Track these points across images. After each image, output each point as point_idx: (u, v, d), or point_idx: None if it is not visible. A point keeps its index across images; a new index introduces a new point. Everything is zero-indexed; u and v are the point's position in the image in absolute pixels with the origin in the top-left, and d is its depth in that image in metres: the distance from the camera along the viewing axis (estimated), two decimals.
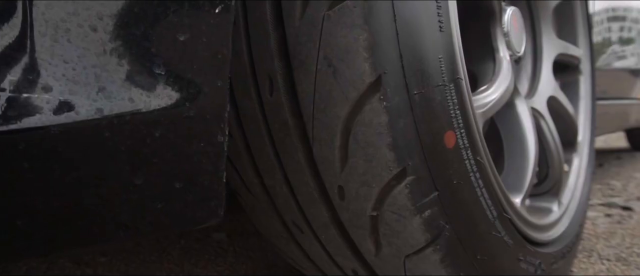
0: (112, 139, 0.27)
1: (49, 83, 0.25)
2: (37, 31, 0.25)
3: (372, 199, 0.41)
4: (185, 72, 0.30)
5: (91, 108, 0.26)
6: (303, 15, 0.39)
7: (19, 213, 0.26)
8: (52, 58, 0.25)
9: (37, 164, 0.25)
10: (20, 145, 0.25)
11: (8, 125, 0.24)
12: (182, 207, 0.31)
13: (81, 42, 0.26)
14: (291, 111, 0.41)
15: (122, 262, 1.01)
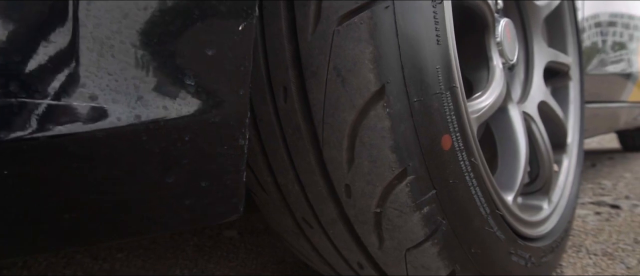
0: (148, 142, 0.30)
1: (95, 93, 0.28)
2: (85, 47, 0.28)
3: (376, 196, 0.44)
4: (212, 83, 0.32)
5: (131, 114, 0.29)
6: (315, 31, 0.41)
7: (69, 208, 0.28)
8: (98, 71, 0.28)
9: (84, 164, 0.28)
10: (71, 147, 0.27)
11: (61, 130, 0.27)
12: (207, 204, 0.34)
13: (123, 56, 0.29)
14: (303, 116, 0.44)
15: (139, 258, 1.03)
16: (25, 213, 0.27)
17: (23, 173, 0.26)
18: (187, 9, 0.30)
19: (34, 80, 0.26)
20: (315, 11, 0.41)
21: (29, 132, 0.26)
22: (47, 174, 0.27)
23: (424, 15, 0.43)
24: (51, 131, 0.26)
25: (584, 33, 1.37)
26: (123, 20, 0.29)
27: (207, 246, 1.10)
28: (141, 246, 1.14)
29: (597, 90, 1.50)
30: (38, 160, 0.26)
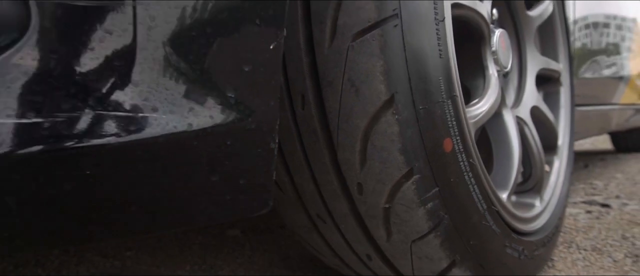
0: (198, 146, 0.36)
1: (156, 106, 0.34)
2: (147, 68, 0.34)
3: (385, 194, 0.50)
4: (248, 95, 0.38)
5: (184, 123, 0.35)
6: (331, 46, 0.47)
7: (133, 201, 0.34)
8: (157, 88, 0.34)
9: (149, 165, 0.34)
10: (139, 151, 0.33)
11: (129, 137, 0.33)
12: (244, 199, 0.40)
13: (177, 75, 0.35)
14: (319, 122, 0.50)
15: (147, 256, 1.09)
16: (107, 205, 0.32)
17: (103, 173, 0.32)
18: (229, 33, 0.36)
19: (110, 96, 0.32)
20: (331, 28, 0.47)
21: (106, 138, 0.32)
22: (121, 173, 0.33)
23: (428, 32, 0.49)
24: (124, 138, 0.32)
25: (575, 34, 1.42)
26: (176, 45, 0.34)
27: (212, 244, 1.16)
28: (148, 245, 1.19)
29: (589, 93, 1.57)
30: (113, 161, 0.32)
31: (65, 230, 0.32)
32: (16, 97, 0.31)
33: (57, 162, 0.31)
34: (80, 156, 0.32)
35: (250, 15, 0.37)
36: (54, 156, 0.31)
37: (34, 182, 0.31)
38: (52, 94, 0.32)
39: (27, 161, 0.31)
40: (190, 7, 0.35)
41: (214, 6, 0.36)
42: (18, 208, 0.31)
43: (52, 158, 0.31)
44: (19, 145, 0.30)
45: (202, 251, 1.10)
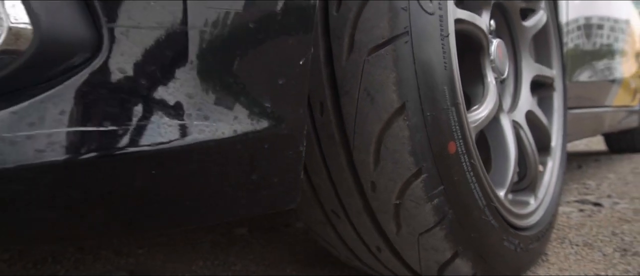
0: (241, 149, 0.42)
1: (207, 115, 0.40)
2: (201, 83, 0.40)
3: (396, 191, 0.56)
4: (282, 105, 0.45)
5: (231, 129, 0.41)
6: (348, 59, 0.54)
7: (189, 196, 0.40)
8: (208, 99, 0.40)
9: (201, 166, 0.40)
10: (193, 154, 0.39)
11: (187, 141, 0.39)
12: (276, 194, 0.46)
13: (224, 89, 0.41)
14: (337, 127, 0.56)
15: (160, 254, 1.15)
16: (168, 199, 0.39)
17: (165, 172, 0.38)
18: (266, 52, 0.43)
19: (170, 107, 0.38)
20: (348, 44, 0.54)
21: (168, 143, 0.38)
22: (179, 172, 0.39)
23: (435, 46, 0.56)
24: (183, 142, 0.38)
25: (568, 36, 1.46)
26: (223, 64, 0.41)
27: (222, 242, 1.22)
28: (158, 243, 1.25)
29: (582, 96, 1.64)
30: (173, 162, 0.38)
31: (137, 220, 0.39)
32: (92, 107, 0.37)
33: (127, 163, 0.38)
34: (146, 158, 0.38)
35: (284, 37, 0.44)
36: (124, 158, 0.38)
37: (110, 181, 0.37)
38: (123, 105, 0.38)
39: (106, 163, 0.37)
40: (236, 32, 0.41)
41: (255, 29, 0.42)
42: (99, 202, 0.37)
43: (122, 160, 0.37)
44: (99, 149, 0.37)
45: (213, 248, 1.16)
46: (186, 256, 1.12)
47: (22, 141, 0.36)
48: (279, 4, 0.43)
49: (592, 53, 1.73)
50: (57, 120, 0.37)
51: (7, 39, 0.37)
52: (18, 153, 0.36)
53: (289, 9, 0.44)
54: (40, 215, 0.37)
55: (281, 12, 0.43)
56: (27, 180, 0.36)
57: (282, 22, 0.44)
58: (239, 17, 0.41)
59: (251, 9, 0.42)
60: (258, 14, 0.42)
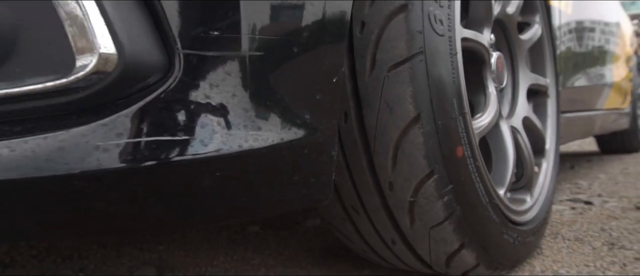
0: (287, 154, 0.50)
1: (260, 125, 0.48)
2: (256, 97, 0.48)
3: (411, 190, 0.64)
4: (319, 116, 0.52)
5: (278, 138, 0.49)
6: (370, 75, 0.62)
7: (242, 193, 0.48)
8: (260, 112, 0.48)
9: (255, 168, 0.48)
10: (249, 159, 0.47)
11: (245, 148, 0.47)
12: (313, 192, 0.54)
13: (274, 105, 0.49)
14: (359, 134, 0.64)
15: (180, 250, 1.22)
16: (228, 196, 0.46)
17: (227, 174, 0.46)
18: (309, 72, 0.51)
19: (231, 119, 0.46)
20: (370, 62, 0.62)
21: (228, 149, 0.46)
22: (238, 174, 0.47)
23: (445, 64, 0.64)
24: (242, 148, 0.46)
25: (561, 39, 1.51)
26: (273, 83, 0.49)
27: (238, 239, 1.29)
28: (176, 240, 1.32)
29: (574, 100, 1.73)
30: (234, 165, 0.46)
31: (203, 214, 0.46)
32: (166, 120, 0.45)
33: (197, 167, 0.45)
34: (211, 162, 0.46)
35: (321, 59, 0.52)
36: (194, 163, 0.45)
37: (182, 181, 0.45)
38: (192, 118, 0.46)
39: (180, 166, 0.45)
40: (283, 57, 0.49)
41: (298, 54, 0.50)
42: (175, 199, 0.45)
43: (193, 164, 0.45)
44: (174, 154, 0.44)
45: (230, 244, 1.23)
46: (205, 252, 1.19)
47: (112, 148, 0.44)
48: (318, 34, 0.51)
49: (583, 55, 1.79)
50: (138, 131, 0.45)
51: (97, 62, 0.44)
52: (110, 159, 0.43)
53: (326, 37, 0.52)
54: (127, 211, 0.45)
55: (319, 40, 0.51)
56: (117, 181, 0.44)
57: (319, 47, 0.52)
58: (286, 44, 0.49)
59: (296, 39, 0.50)
60: (301, 42, 0.50)
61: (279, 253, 1.13)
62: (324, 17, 0.52)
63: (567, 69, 1.57)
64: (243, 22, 0.47)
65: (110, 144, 0.44)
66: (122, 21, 0.45)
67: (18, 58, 0.46)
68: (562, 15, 1.54)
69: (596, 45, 2.05)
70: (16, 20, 0.46)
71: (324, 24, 0.52)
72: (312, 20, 0.51)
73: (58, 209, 0.44)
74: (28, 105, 0.46)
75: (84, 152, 0.43)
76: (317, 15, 0.51)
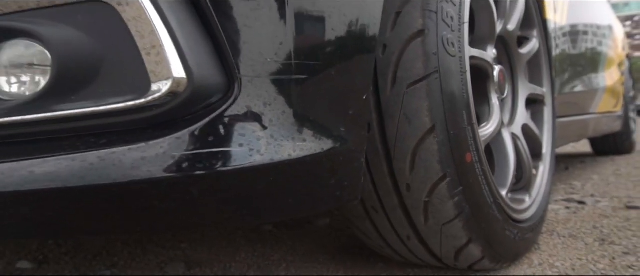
0: (327, 161, 0.59)
1: (305, 138, 0.57)
2: (299, 115, 0.57)
3: (426, 191, 0.73)
4: (351, 129, 0.62)
5: (319, 148, 0.58)
6: (392, 91, 0.71)
7: (291, 195, 0.57)
8: (305, 127, 0.57)
9: (300, 174, 0.57)
10: (296, 166, 0.56)
11: (292, 156, 0.56)
12: (346, 194, 0.63)
13: (316, 120, 0.58)
14: (381, 142, 0.73)
15: (202, 247, 1.30)
16: (276, 197, 0.56)
17: (278, 179, 0.55)
18: (345, 92, 0.60)
19: (283, 132, 0.55)
20: (392, 79, 0.71)
21: (280, 157, 0.55)
22: (286, 178, 0.56)
23: (456, 81, 0.73)
24: (291, 157, 0.55)
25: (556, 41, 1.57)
26: (317, 102, 0.58)
27: (254, 237, 1.38)
28: (195, 239, 1.41)
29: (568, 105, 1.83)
30: (284, 172, 0.55)
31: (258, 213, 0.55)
32: (229, 134, 0.54)
33: (254, 173, 0.54)
34: (266, 169, 0.55)
35: (354, 80, 0.61)
36: (252, 169, 0.54)
37: (243, 185, 0.54)
38: (250, 132, 0.55)
39: (241, 173, 0.53)
40: (324, 79, 0.58)
41: (336, 76, 0.59)
42: (236, 200, 0.54)
43: (251, 170, 0.54)
44: (237, 162, 0.53)
45: (249, 242, 1.32)
46: (226, 249, 1.28)
47: (186, 159, 0.53)
48: (351, 59, 0.60)
49: (578, 57, 1.86)
50: (206, 143, 0.54)
51: (171, 85, 0.53)
52: (184, 166, 0.52)
53: (357, 61, 0.61)
54: (197, 210, 0.54)
55: (352, 64, 0.61)
56: (191, 185, 0.53)
57: (352, 70, 0.61)
58: (325, 69, 0.58)
59: (333, 64, 0.59)
60: (337, 66, 0.59)
61: (295, 250, 1.22)
62: (356, 45, 0.61)
63: (562, 71, 1.64)
64: (291, 51, 0.56)
65: (184, 154, 0.53)
66: (191, 51, 0.54)
67: (102, 81, 0.55)
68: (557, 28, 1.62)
69: (589, 47, 2.13)
70: (100, 49, 0.55)
71: (356, 51, 0.61)
72: (347, 48, 0.60)
73: (140, 209, 0.53)
74: (111, 120, 0.55)
75: (162, 160, 0.52)
76: (351, 43, 0.61)
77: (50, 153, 0.54)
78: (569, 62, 1.76)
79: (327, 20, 0.59)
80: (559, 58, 1.61)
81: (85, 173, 0.51)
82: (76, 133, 0.56)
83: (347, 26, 0.60)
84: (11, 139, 0.57)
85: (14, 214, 0.53)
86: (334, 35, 0.59)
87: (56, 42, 0.55)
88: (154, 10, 0.53)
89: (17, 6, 0.57)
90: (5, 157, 0.55)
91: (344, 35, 0.60)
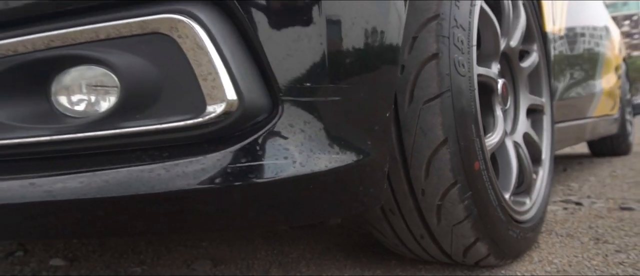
0: (357, 171, 0.68)
1: (338, 151, 0.66)
2: (335, 132, 0.66)
3: (439, 195, 0.83)
4: (376, 142, 0.71)
5: (351, 159, 0.67)
6: (409, 107, 0.80)
7: (325, 200, 0.67)
8: (338, 141, 0.66)
9: (334, 182, 0.66)
10: (330, 175, 0.65)
11: (328, 167, 0.65)
12: (371, 198, 0.72)
13: (348, 135, 0.67)
14: (399, 152, 0.83)
15: (223, 245, 1.39)
16: (315, 202, 0.65)
17: (315, 186, 0.64)
18: (371, 110, 0.69)
19: (320, 146, 0.65)
20: (409, 97, 0.80)
21: (317, 168, 0.64)
22: (323, 186, 0.65)
23: (466, 98, 0.82)
24: (329, 167, 0.65)
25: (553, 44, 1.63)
26: (347, 120, 0.67)
27: (270, 236, 1.47)
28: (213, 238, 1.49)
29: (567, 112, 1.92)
30: (320, 180, 0.65)
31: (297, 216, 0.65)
32: (273, 149, 0.63)
33: (296, 182, 0.64)
34: (306, 179, 0.64)
35: (379, 100, 0.70)
36: (294, 179, 0.63)
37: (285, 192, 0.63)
38: (291, 147, 0.64)
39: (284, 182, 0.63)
40: (354, 100, 0.67)
41: (365, 97, 0.68)
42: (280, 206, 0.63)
43: (294, 180, 0.63)
44: (281, 173, 0.63)
45: (266, 241, 1.41)
46: (245, 247, 1.37)
47: (239, 170, 0.62)
48: (377, 81, 0.70)
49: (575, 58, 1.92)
50: (255, 156, 0.63)
51: (225, 107, 0.62)
52: (239, 177, 0.61)
53: (382, 84, 0.71)
54: (249, 214, 0.63)
55: (378, 85, 0.70)
56: (244, 193, 0.62)
57: (378, 91, 0.70)
58: (356, 90, 0.68)
59: (362, 86, 0.68)
60: (366, 88, 0.69)
61: (311, 247, 1.32)
62: (381, 70, 0.71)
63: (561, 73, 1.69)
64: (326, 77, 0.65)
65: (237, 166, 0.62)
66: (241, 77, 0.63)
67: (163, 102, 0.64)
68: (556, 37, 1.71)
69: (587, 46, 2.19)
70: (162, 74, 0.64)
71: (380, 75, 0.71)
72: (372, 73, 0.70)
73: (200, 213, 0.62)
74: (171, 136, 0.64)
75: (220, 172, 0.61)
76: (376, 69, 0.70)
77: (120, 165, 0.63)
78: (566, 62, 1.83)
79: (356, 49, 0.68)
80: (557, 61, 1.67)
81: (154, 183, 0.61)
82: (140, 147, 0.65)
83: (374, 54, 0.70)
84: (84, 152, 0.66)
85: (92, 218, 0.63)
86: (362, 62, 0.69)
87: (124, 68, 0.64)
88: (210, 41, 0.62)
89: (88, 37, 0.66)
90: (80, 168, 0.64)
91: (370, 62, 0.70)
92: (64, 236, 0.70)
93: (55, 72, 0.67)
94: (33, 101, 0.68)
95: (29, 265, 1.33)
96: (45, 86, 0.68)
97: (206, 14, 0.62)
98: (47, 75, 0.68)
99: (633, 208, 1.57)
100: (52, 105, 0.68)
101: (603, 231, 1.30)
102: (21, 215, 0.65)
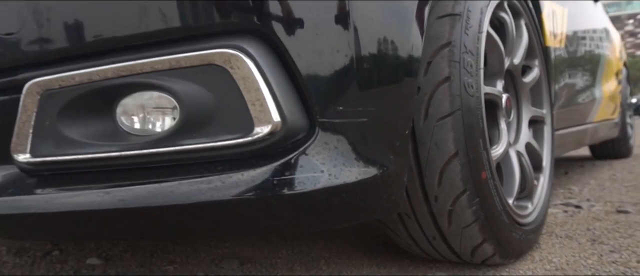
0: (379, 182, 0.80)
1: (363, 164, 0.78)
2: (369, 147, 0.78)
3: (450, 201, 0.95)
4: (397, 157, 0.83)
5: (376, 171, 0.79)
6: (424, 123, 0.92)
7: (352, 208, 0.78)
8: (364, 157, 0.78)
9: (359, 192, 0.78)
10: (356, 186, 0.77)
11: (355, 179, 0.77)
12: (391, 205, 0.84)
13: (373, 151, 0.79)
14: (415, 163, 0.95)
15: (245, 245, 1.51)
16: (340, 209, 0.77)
17: (342, 195, 0.76)
18: (393, 129, 0.81)
19: (347, 160, 0.76)
20: (424, 114, 0.92)
21: (347, 179, 0.76)
22: (350, 196, 0.77)
23: (475, 115, 0.94)
24: (354, 179, 0.76)
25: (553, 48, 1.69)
26: (374, 138, 0.79)
27: (288, 236, 1.59)
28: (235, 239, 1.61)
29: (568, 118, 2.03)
30: (348, 190, 0.77)
31: (323, 222, 0.77)
32: (311, 164, 0.75)
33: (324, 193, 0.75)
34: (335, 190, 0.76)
35: (400, 120, 0.82)
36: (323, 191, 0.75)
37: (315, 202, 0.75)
38: (329, 162, 0.76)
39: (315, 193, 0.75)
40: (379, 120, 0.79)
41: (388, 118, 0.80)
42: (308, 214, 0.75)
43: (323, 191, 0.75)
44: (315, 185, 0.74)
45: (285, 241, 1.53)
46: (267, 247, 1.48)
47: (284, 182, 0.74)
48: (400, 103, 0.82)
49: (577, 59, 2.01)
50: (297, 170, 0.75)
51: (271, 128, 0.74)
52: (285, 188, 0.73)
53: (404, 105, 0.82)
54: (291, 218, 0.75)
55: (400, 106, 0.82)
56: (289, 201, 0.74)
57: (400, 111, 0.82)
58: (382, 112, 0.79)
59: (387, 108, 0.80)
60: (390, 109, 0.80)
61: (328, 247, 1.43)
62: (402, 94, 0.83)
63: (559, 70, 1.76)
64: (357, 100, 0.77)
65: (282, 178, 0.74)
66: (285, 102, 0.75)
67: (216, 123, 0.76)
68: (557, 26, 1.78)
69: (588, 49, 2.28)
70: (215, 100, 0.75)
71: (401, 98, 0.83)
72: (395, 97, 0.82)
73: (251, 219, 0.74)
74: (223, 152, 0.76)
75: (267, 183, 0.73)
76: (398, 93, 0.82)
77: (182, 177, 0.75)
78: (568, 69, 1.94)
79: (381, 78, 0.80)
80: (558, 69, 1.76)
81: (213, 193, 0.73)
82: (197, 161, 0.77)
83: (396, 81, 0.82)
84: (148, 165, 0.78)
85: (159, 224, 0.75)
86: (386, 88, 0.81)
87: (184, 94, 0.76)
88: (258, 72, 0.74)
89: (151, 68, 0.78)
90: (145, 179, 0.76)
91: (393, 88, 0.82)
92: (131, 238, 0.82)
93: (122, 96, 0.79)
94: (103, 121, 0.80)
95: (68, 262, 1.45)
96: (112, 108, 0.80)
97: (255, 48, 0.74)
98: (114, 99, 0.80)
99: (629, 211, 1.69)
100: (117, 125, 0.80)
101: (599, 233, 1.41)
102: (96, 220, 0.77)
